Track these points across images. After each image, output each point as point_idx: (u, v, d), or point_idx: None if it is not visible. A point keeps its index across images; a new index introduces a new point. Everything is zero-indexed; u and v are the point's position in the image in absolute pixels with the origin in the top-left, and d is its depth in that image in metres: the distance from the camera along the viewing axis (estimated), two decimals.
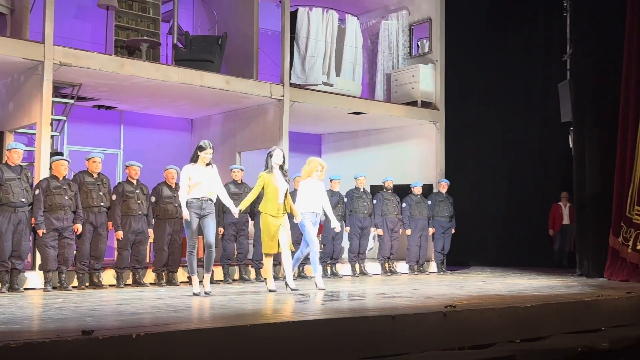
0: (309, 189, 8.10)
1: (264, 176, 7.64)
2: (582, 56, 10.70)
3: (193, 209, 7.15)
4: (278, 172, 7.67)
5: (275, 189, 7.57)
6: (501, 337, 5.95)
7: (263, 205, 7.67)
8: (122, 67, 9.15)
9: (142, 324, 5.04)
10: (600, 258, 10.08)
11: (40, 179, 8.15)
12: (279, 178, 7.64)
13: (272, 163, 7.67)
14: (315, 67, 11.34)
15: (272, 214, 7.56)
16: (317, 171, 8.12)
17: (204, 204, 7.19)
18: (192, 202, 7.16)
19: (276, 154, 7.69)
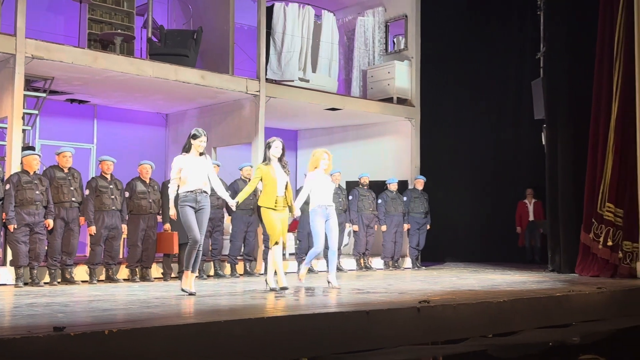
0: (316, 181, 7.63)
1: (261, 168, 7.23)
2: (555, 54, 10.83)
3: (188, 203, 6.65)
4: (277, 164, 7.24)
5: (273, 181, 7.14)
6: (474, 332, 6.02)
7: (262, 198, 7.24)
8: (95, 61, 9.04)
9: (115, 320, 5.00)
10: (572, 254, 10.23)
11: (11, 173, 8.02)
12: (277, 170, 7.22)
13: (270, 154, 7.25)
14: (291, 63, 11.32)
15: (272, 207, 7.13)
16: (324, 159, 7.66)
17: (199, 197, 6.70)
18: (186, 196, 6.67)
19: (275, 145, 7.26)
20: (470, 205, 13.31)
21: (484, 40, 13.44)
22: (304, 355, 5.12)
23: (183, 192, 6.70)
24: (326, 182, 7.73)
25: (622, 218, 9.60)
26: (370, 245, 11.36)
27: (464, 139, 13.47)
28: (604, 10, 9.97)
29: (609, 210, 9.69)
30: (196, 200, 6.70)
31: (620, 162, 9.65)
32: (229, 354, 4.68)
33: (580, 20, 10.52)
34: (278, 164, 7.27)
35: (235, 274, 9.64)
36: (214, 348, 4.61)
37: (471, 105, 13.46)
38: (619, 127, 9.64)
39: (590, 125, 10.05)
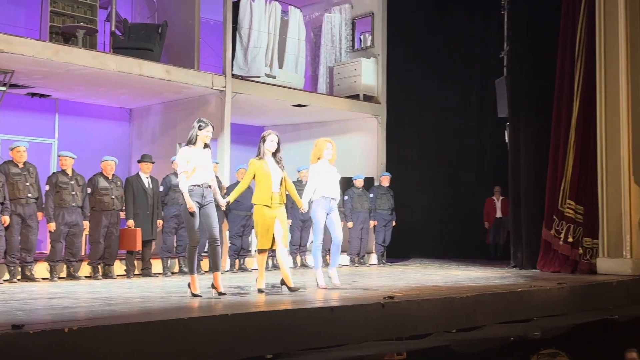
0: (320, 172, 7.22)
1: (254, 163, 6.76)
2: (518, 54, 10.98)
3: (194, 198, 6.21)
4: (270, 159, 6.79)
5: (267, 176, 6.68)
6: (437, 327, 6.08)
7: (255, 195, 6.75)
8: (57, 54, 8.86)
9: (76, 318, 4.92)
10: (534, 250, 10.40)
11: None
12: (271, 164, 6.76)
13: (265, 149, 6.77)
14: (257, 59, 11.26)
15: (266, 204, 6.65)
16: (327, 149, 7.27)
17: (205, 191, 6.29)
18: (192, 190, 6.22)
19: (270, 139, 6.76)
20: (435, 202, 13.44)
21: (449, 38, 13.58)
22: (269, 352, 5.10)
23: (189, 185, 6.25)
24: (331, 173, 7.32)
25: (582, 215, 9.80)
26: (364, 242, 11.44)
27: (430, 136, 13.59)
28: (567, 11, 10.14)
29: (569, 207, 9.87)
30: (202, 195, 6.28)
31: (581, 160, 9.85)
32: (193, 351, 4.64)
33: (544, 20, 10.69)
34: (272, 159, 6.81)
35: (200, 270, 9.55)
36: (177, 346, 4.57)
37: (437, 102, 13.59)
38: (580, 126, 9.83)
39: (552, 123, 10.21)
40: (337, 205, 7.40)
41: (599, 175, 9.52)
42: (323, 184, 7.22)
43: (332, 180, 7.29)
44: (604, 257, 9.44)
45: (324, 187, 7.21)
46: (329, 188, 7.23)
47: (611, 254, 9.36)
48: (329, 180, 7.24)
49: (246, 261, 10.24)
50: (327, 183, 7.23)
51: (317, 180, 7.23)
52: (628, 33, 9.47)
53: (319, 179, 7.23)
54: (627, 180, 9.35)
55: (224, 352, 4.80)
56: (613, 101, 9.46)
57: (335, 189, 7.30)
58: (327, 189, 7.22)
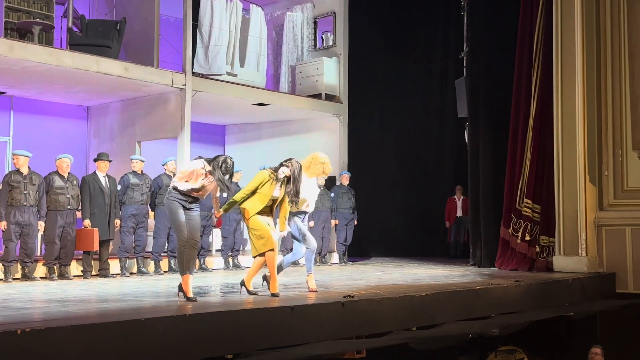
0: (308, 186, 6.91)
1: (264, 176, 6.47)
2: (477, 54, 11.12)
3: (177, 199, 5.98)
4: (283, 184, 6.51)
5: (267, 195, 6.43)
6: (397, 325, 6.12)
7: (249, 204, 6.44)
8: (11, 51, 8.65)
9: (30, 319, 4.80)
10: (492, 248, 10.55)
11: None
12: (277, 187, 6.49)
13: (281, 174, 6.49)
14: (218, 57, 11.16)
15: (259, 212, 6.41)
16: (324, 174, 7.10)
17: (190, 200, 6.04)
18: (177, 194, 5.98)
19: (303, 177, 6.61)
20: (396, 201, 13.52)
21: (410, 38, 13.67)
22: (228, 352, 5.06)
23: (181, 188, 5.99)
24: (313, 189, 7.08)
25: (539, 214, 9.97)
26: (325, 243, 11.43)
27: (391, 136, 13.66)
28: (524, 12, 10.31)
29: (527, 206, 10.03)
30: (187, 201, 6.02)
31: (538, 159, 10.02)
32: (150, 352, 4.58)
33: (502, 21, 10.85)
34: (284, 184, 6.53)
35: (159, 270, 9.44)
36: (135, 347, 4.50)
37: (398, 102, 13.67)
38: (537, 126, 10.00)
39: (510, 123, 10.36)
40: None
41: (556, 174, 9.70)
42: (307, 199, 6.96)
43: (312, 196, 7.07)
44: (560, 255, 9.62)
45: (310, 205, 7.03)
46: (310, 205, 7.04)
47: (567, 252, 9.55)
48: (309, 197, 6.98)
49: (206, 261, 10.15)
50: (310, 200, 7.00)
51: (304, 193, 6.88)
52: (584, 34, 9.67)
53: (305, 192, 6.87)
54: (582, 180, 9.55)
55: (183, 352, 4.75)
56: (569, 101, 9.66)
57: (312, 204, 7.10)
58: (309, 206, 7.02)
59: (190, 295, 5.90)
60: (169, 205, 6.03)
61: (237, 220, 10.15)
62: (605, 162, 9.73)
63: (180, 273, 6.00)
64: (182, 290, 5.93)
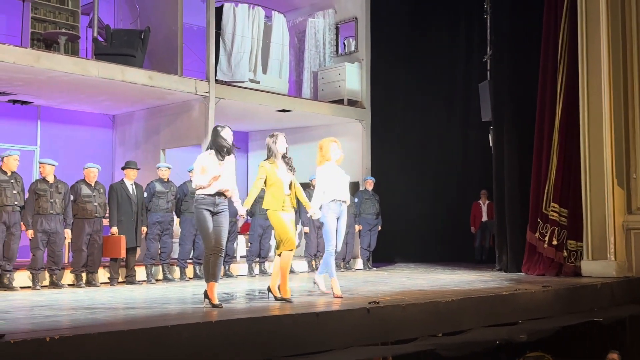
0: (329, 174, 6.83)
1: (265, 167, 6.46)
2: (501, 57, 11.04)
3: (205, 205, 5.94)
4: (280, 161, 6.52)
5: (279, 181, 6.42)
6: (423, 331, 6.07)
7: (267, 201, 6.50)
8: (38, 61, 8.78)
9: (58, 327, 4.85)
10: (518, 253, 10.44)
11: None
12: (281, 167, 6.50)
13: (277, 151, 6.51)
14: (241, 64, 11.23)
15: (279, 209, 6.42)
16: (333, 149, 6.89)
17: (218, 200, 6.00)
18: (204, 198, 5.95)
19: (280, 140, 6.50)
20: (420, 206, 13.46)
21: (432, 43, 13.63)
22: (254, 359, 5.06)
23: (201, 194, 5.99)
24: (340, 175, 6.94)
25: (566, 218, 9.85)
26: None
27: (414, 141, 13.62)
28: (548, 14, 10.22)
29: (553, 210, 9.92)
30: (214, 204, 5.98)
31: (565, 162, 9.91)
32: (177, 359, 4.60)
33: (526, 24, 10.76)
34: (282, 161, 6.54)
35: (184, 277, 9.50)
36: (161, 353, 4.52)
37: (421, 106, 13.63)
38: (563, 129, 9.89)
39: (536, 126, 10.27)
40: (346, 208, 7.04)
41: (583, 177, 9.58)
42: (332, 187, 6.83)
43: (342, 182, 6.92)
44: (588, 260, 9.49)
45: (334, 190, 6.82)
46: (339, 191, 6.85)
47: (595, 256, 9.41)
48: (338, 183, 6.87)
49: (231, 267, 10.19)
50: (336, 185, 6.85)
51: (325, 183, 6.84)
52: (610, 36, 9.56)
53: (327, 181, 6.84)
54: (610, 183, 9.42)
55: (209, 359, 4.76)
56: (596, 104, 9.54)
57: (345, 191, 6.93)
58: (337, 192, 6.84)
59: (216, 302, 5.93)
60: (197, 214, 6.01)
61: (263, 227, 10.18)
62: (633, 164, 9.58)
63: (206, 280, 6.02)
64: (208, 297, 5.97)
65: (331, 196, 6.80)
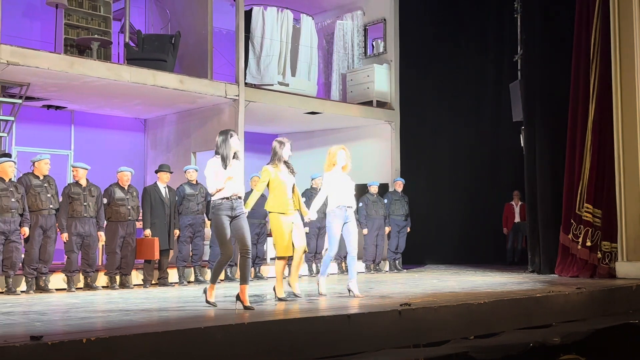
0: (334, 181, 7.10)
1: (268, 170, 6.77)
2: (532, 57, 10.92)
3: (224, 211, 6.00)
4: (283, 165, 6.84)
5: (282, 183, 6.73)
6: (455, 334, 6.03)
7: (270, 203, 6.80)
8: (71, 66, 8.95)
9: (94, 329, 4.94)
10: (551, 255, 10.31)
11: None
12: (284, 171, 6.82)
13: (283, 155, 6.80)
14: (270, 67, 11.30)
15: (282, 211, 6.71)
16: (340, 156, 7.13)
17: (235, 203, 6.05)
18: (221, 203, 6.00)
19: (287, 147, 6.82)
20: (451, 207, 13.38)
21: (462, 43, 13.54)
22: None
23: (217, 198, 6.03)
24: (345, 181, 7.16)
25: (600, 218, 9.69)
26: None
27: (444, 141, 13.55)
28: (580, 12, 10.08)
29: (587, 211, 9.77)
30: (232, 208, 6.04)
31: (598, 163, 9.75)
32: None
33: (557, 23, 10.63)
34: (284, 165, 6.86)
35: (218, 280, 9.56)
36: (194, 355, 4.56)
37: (451, 107, 13.55)
38: (596, 128, 9.74)
39: (568, 126, 10.14)
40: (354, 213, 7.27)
41: (617, 178, 9.42)
42: (337, 193, 7.06)
43: (347, 188, 7.12)
44: (623, 261, 9.33)
45: (339, 196, 7.05)
46: (344, 197, 7.06)
47: (630, 257, 9.25)
48: (343, 189, 7.08)
49: (262, 269, 10.24)
50: (342, 192, 7.07)
51: (330, 189, 7.10)
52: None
53: (332, 187, 7.09)
54: None
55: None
56: (629, 103, 9.37)
57: (350, 197, 7.14)
58: (342, 198, 7.05)
59: (248, 304, 6.01)
60: (215, 220, 6.06)
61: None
62: None
63: (211, 281, 6.25)
64: (240, 299, 6.04)
65: (336, 202, 7.02)
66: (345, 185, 7.11)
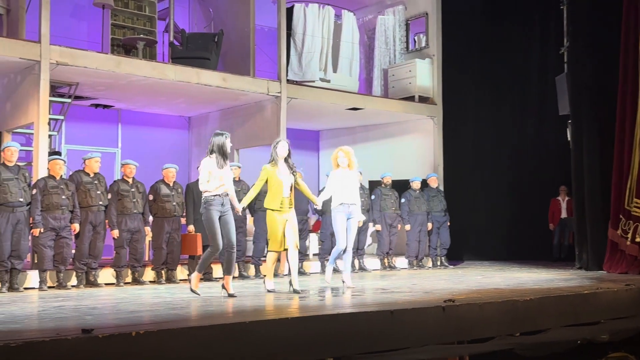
0: (337, 179, 7.61)
1: (267, 169, 7.23)
2: (579, 49, 10.69)
3: (215, 207, 6.58)
4: (283, 165, 7.24)
5: (279, 183, 7.14)
6: (500, 330, 5.97)
7: (266, 200, 7.28)
8: (118, 66, 9.14)
9: (142, 322, 5.05)
10: (599, 251, 10.10)
11: (38, 178, 8.14)
12: (283, 171, 7.21)
13: (277, 155, 7.25)
14: (312, 63, 11.33)
15: (276, 209, 7.16)
16: (340, 157, 7.64)
17: (224, 200, 6.66)
18: (213, 199, 6.57)
19: (281, 146, 7.28)
20: (493, 202, 13.20)
21: (506, 35, 13.33)
22: (329, 355, 5.11)
23: (209, 195, 6.59)
24: (348, 180, 7.61)
25: None
26: (393, 244, 11.32)
27: (487, 136, 13.36)
28: (629, 3, 9.82)
29: (636, 206, 9.54)
30: (222, 204, 6.64)
31: None
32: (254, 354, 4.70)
33: (604, 14, 10.38)
34: (284, 164, 7.26)
35: (259, 274, 9.67)
36: (239, 349, 4.63)
37: (494, 101, 13.36)
38: None
39: (616, 120, 9.90)
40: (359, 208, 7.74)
41: None
42: (339, 191, 7.57)
43: (349, 186, 7.59)
44: None
45: (341, 194, 7.56)
46: (347, 195, 7.56)
47: None
48: (346, 187, 7.56)
49: (304, 265, 10.29)
50: (343, 190, 7.56)
51: (333, 187, 7.62)
52: None
53: (335, 186, 7.60)
54: None
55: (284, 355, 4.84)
56: None
57: (353, 194, 7.61)
58: (345, 196, 7.55)
59: (231, 291, 6.71)
60: (206, 215, 6.59)
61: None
62: None
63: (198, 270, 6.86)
64: (224, 287, 6.78)
65: (339, 200, 7.58)
66: (348, 183, 7.60)
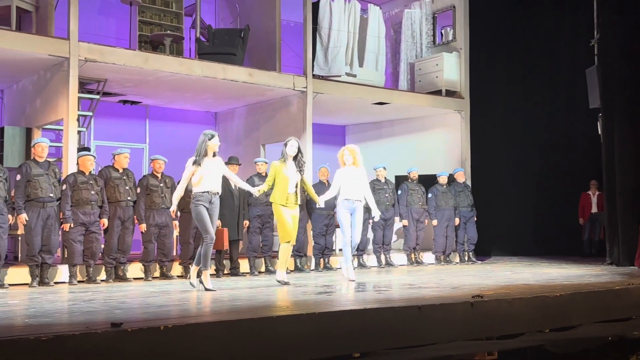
0: (342, 176, 7.99)
1: (274, 165, 7.66)
2: (610, 41, 10.50)
3: (202, 202, 6.92)
4: (291, 162, 7.63)
5: (285, 179, 7.54)
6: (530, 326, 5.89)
7: (273, 194, 7.66)
8: (146, 62, 9.21)
9: (170, 316, 5.08)
10: (631, 246, 9.92)
11: (67, 174, 8.24)
12: (290, 168, 7.60)
13: (287, 153, 7.62)
14: (338, 58, 11.29)
15: (282, 203, 7.53)
16: (345, 156, 8.00)
17: (213, 198, 7.00)
18: (202, 195, 6.93)
19: (290, 145, 7.64)
20: (522, 197, 13.04)
21: (534, 28, 13.13)
22: (356, 351, 5.09)
23: (198, 192, 6.95)
24: (353, 177, 7.93)
25: None
26: (420, 240, 11.26)
27: (516, 130, 13.19)
28: None
29: None
30: (210, 201, 6.95)
31: None
32: (281, 349, 4.70)
33: (636, 4, 10.18)
34: (292, 162, 7.62)
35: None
36: (266, 343, 4.63)
37: (523, 95, 13.18)
38: None
39: None
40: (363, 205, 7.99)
41: None
42: (345, 188, 7.92)
43: (355, 183, 7.90)
44: None
45: (346, 191, 7.90)
46: (351, 191, 7.89)
47: None
48: (351, 184, 7.89)
49: (330, 260, 10.28)
50: (349, 186, 7.89)
51: (340, 183, 7.96)
52: None
53: (340, 183, 7.95)
54: None
55: (311, 350, 4.83)
56: None
57: (358, 191, 7.92)
58: (349, 192, 7.89)
59: (209, 286, 6.93)
60: (195, 210, 6.92)
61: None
62: None
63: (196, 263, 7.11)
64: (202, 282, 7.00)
65: (343, 196, 7.93)
66: (353, 180, 7.91)
